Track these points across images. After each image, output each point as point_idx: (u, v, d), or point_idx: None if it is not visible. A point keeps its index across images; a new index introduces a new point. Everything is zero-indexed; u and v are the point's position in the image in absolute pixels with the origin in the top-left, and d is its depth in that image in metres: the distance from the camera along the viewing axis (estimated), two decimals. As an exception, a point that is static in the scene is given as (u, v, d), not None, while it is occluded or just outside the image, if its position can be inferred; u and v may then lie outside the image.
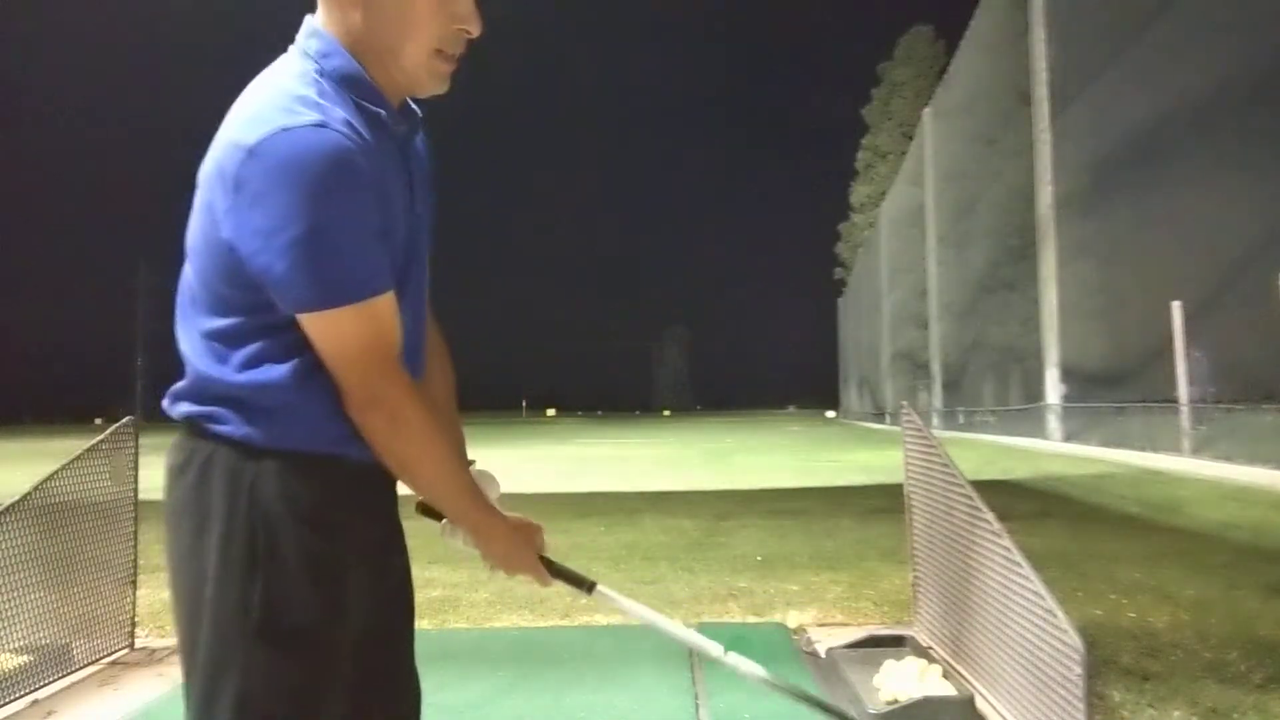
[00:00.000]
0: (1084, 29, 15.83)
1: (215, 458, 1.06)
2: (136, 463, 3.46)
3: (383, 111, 1.09)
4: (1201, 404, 12.15)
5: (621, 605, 1.36)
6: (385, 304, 1.03)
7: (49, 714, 2.81)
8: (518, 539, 1.24)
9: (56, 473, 3.10)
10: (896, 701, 2.60)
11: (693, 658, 3.27)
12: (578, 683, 2.92)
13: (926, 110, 28.66)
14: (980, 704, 2.57)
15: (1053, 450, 16.17)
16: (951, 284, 25.96)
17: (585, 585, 1.35)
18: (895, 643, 3.16)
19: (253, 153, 0.96)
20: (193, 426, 1.08)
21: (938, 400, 28.24)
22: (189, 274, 1.08)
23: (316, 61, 1.07)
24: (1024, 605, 2.21)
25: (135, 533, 3.51)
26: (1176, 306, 12.00)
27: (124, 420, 3.47)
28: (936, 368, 28.32)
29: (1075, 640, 1.85)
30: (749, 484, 10.83)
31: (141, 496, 3.54)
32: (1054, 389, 17.56)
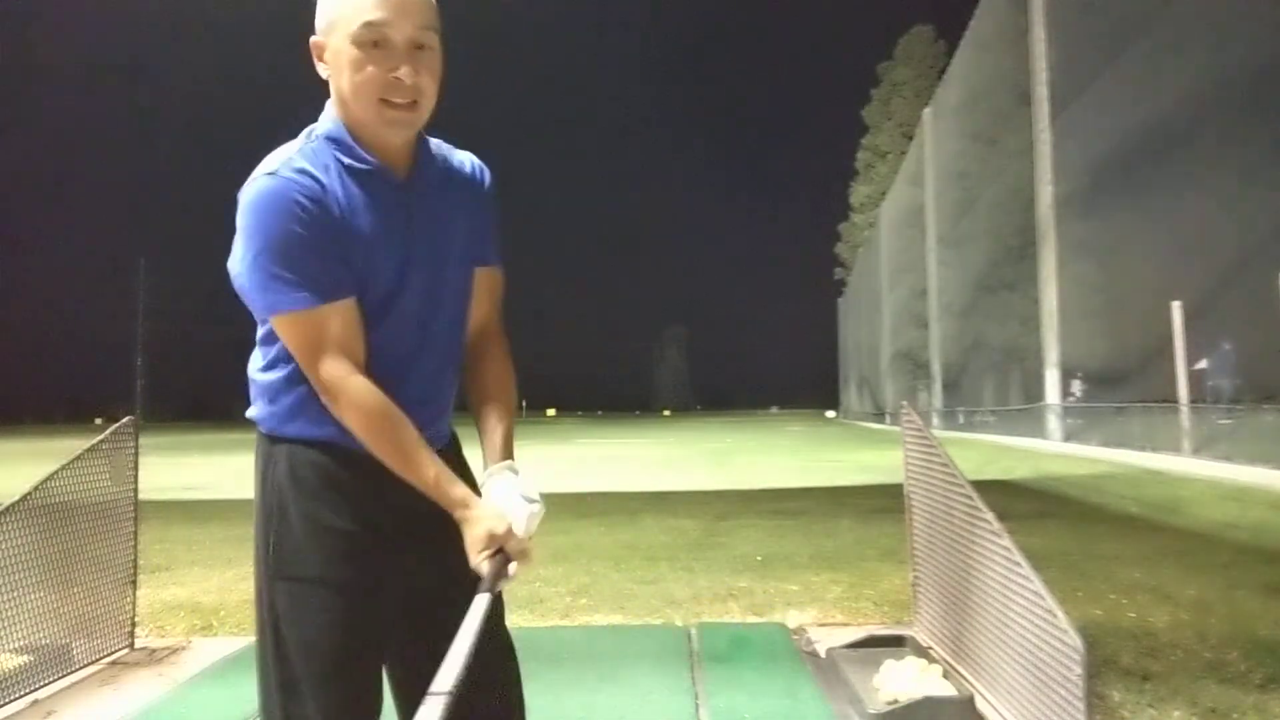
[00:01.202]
0: (1084, 29, 15.83)
1: (258, 444, 1.39)
2: (136, 463, 3.46)
3: (365, 164, 1.31)
4: (1200, 404, 12.15)
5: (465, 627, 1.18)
6: (325, 312, 1.25)
7: (49, 714, 2.81)
8: (478, 517, 1.29)
9: (56, 473, 3.10)
10: (896, 701, 2.60)
11: (693, 658, 3.27)
12: (578, 683, 2.91)
13: (926, 110, 28.67)
14: (980, 704, 2.57)
15: (1053, 450, 16.17)
16: (951, 284, 25.96)
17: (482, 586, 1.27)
18: (895, 643, 3.16)
19: (237, 200, 1.25)
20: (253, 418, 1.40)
21: (938, 400, 28.24)
22: None
23: (308, 131, 1.33)
24: (1024, 605, 2.21)
25: (135, 533, 3.50)
26: (1176, 306, 12.00)
27: (124, 420, 3.47)
28: (936, 368, 28.32)
29: (1075, 640, 1.85)
30: (749, 484, 10.84)
31: (141, 496, 3.54)
32: (1054, 389, 17.56)
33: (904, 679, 2.72)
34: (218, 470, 16.37)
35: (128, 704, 2.87)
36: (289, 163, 1.26)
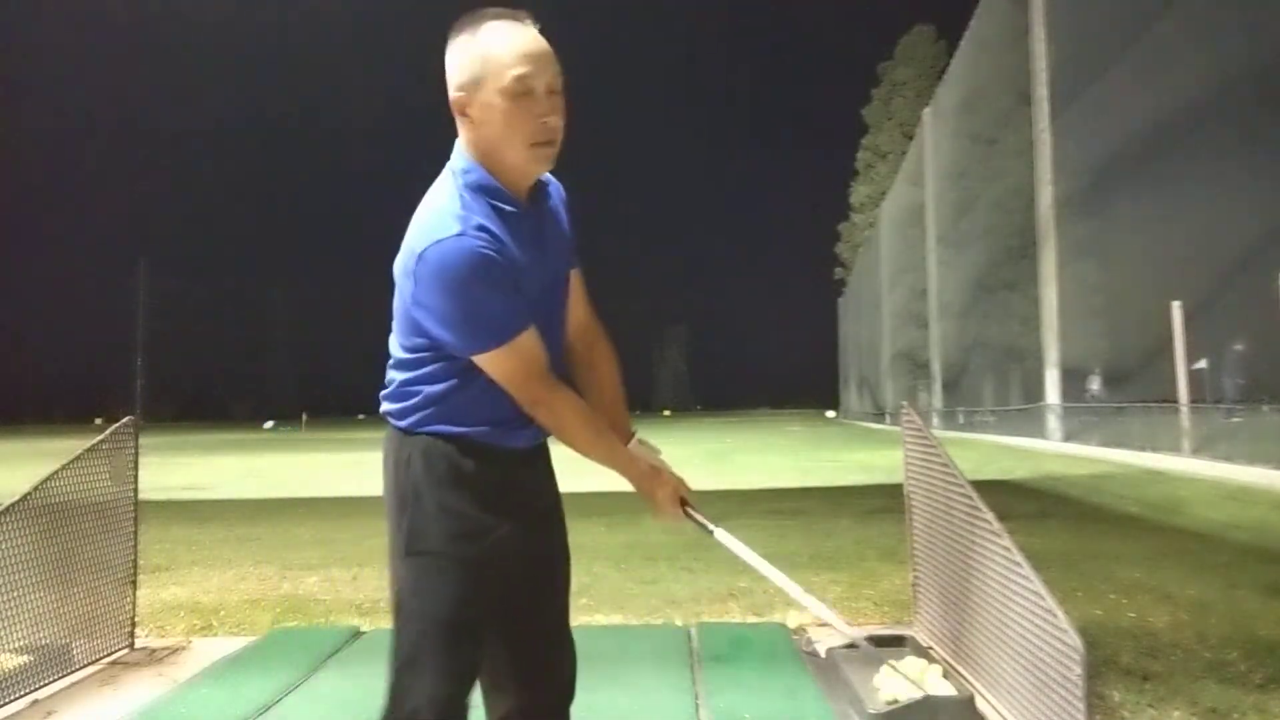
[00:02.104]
0: (1084, 29, 15.82)
1: (391, 439, 1.58)
2: (136, 463, 3.46)
3: (509, 207, 1.49)
4: (1200, 404, 12.15)
5: (737, 551, 1.72)
6: (525, 339, 1.46)
7: (49, 714, 2.81)
8: (656, 480, 1.65)
9: (56, 473, 3.10)
10: (896, 701, 2.60)
11: (693, 658, 3.27)
12: (578, 682, 2.91)
13: (927, 110, 28.66)
14: (980, 704, 2.57)
15: (1053, 450, 16.16)
16: (951, 284, 25.95)
17: (708, 529, 1.67)
18: (895, 643, 3.16)
19: (420, 258, 1.41)
20: (386, 419, 1.59)
21: (938, 400, 28.24)
22: (393, 320, 1.56)
23: (460, 177, 1.48)
24: (1024, 605, 2.21)
25: (135, 533, 3.50)
26: (1176, 306, 12.00)
27: (124, 420, 3.47)
28: (936, 368, 28.32)
29: (1075, 640, 1.85)
30: (749, 484, 10.83)
31: (141, 496, 3.54)
32: (1054, 389, 17.56)
33: (904, 679, 2.71)
34: (218, 470, 16.37)
35: (128, 704, 2.87)
36: (466, 219, 1.43)
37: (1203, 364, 12.40)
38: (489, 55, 1.43)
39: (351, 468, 16.29)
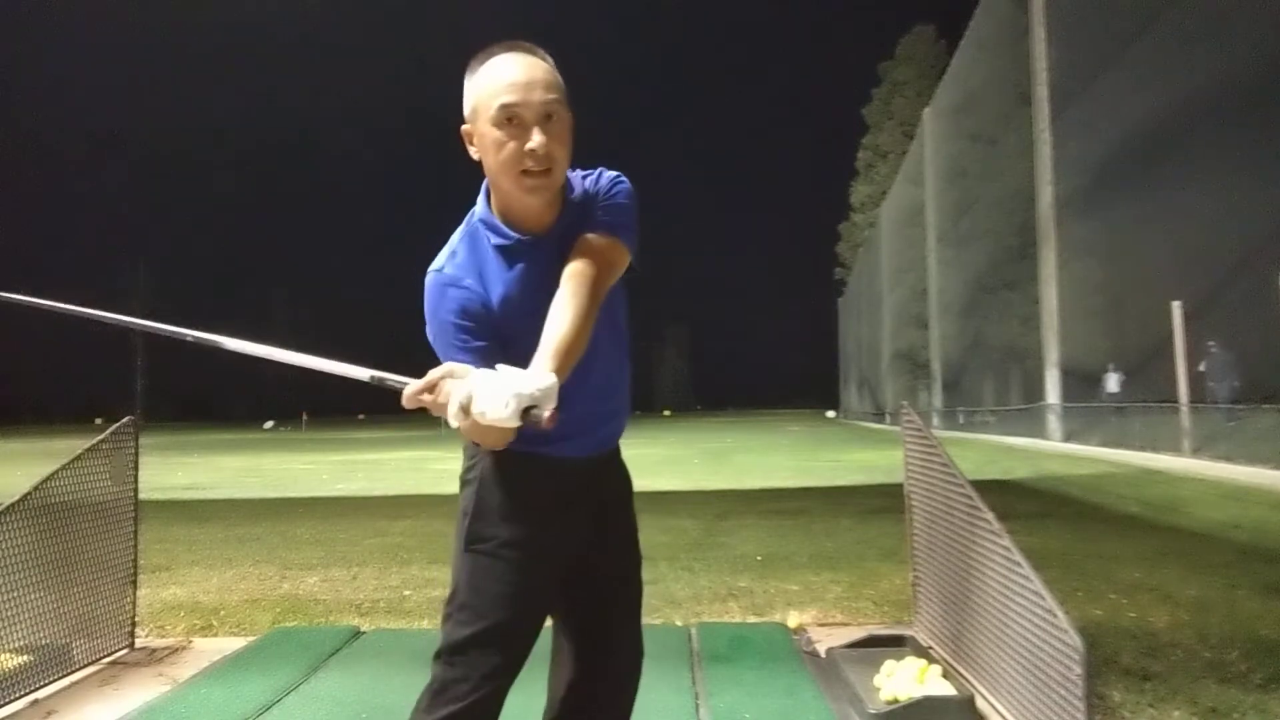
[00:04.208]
0: (1084, 29, 15.83)
1: (466, 449, 1.65)
2: (136, 463, 3.47)
3: (508, 239, 1.52)
4: (1216, 404, 12.14)
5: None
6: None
7: (49, 714, 2.81)
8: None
9: (56, 473, 3.10)
10: (896, 701, 2.60)
11: (693, 658, 3.27)
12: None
13: (927, 110, 28.65)
14: (980, 704, 2.57)
15: (1053, 450, 16.17)
16: (951, 284, 25.96)
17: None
18: (895, 643, 3.15)
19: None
20: None
21: (938, 400, 28.25)
22: None
23: (473, 212, 1.57)
24: (1024, 605, 2.21)
25: (135, 533, 3.51)
26: (1176, 306, 12.00)
27: (124, 420, 3.47)
28: (936, 367, 28.33)
29: (1075, 640, 1.85)
30: (749, 484, 10.83)
31: (141, 496, 3.54)
32: (1054, 389, 17.54)
33: (904, 679, 2.72)
34: (218, 470, 16.37)
35: (128, 704, 2.87)
36: (453, 256, 1.53)
37: (1203, 367, 12.41)
38: (482, 86, 1.46)
39: (351, 468, 16.30)
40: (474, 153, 1.52)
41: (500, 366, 1.32)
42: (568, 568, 1.69)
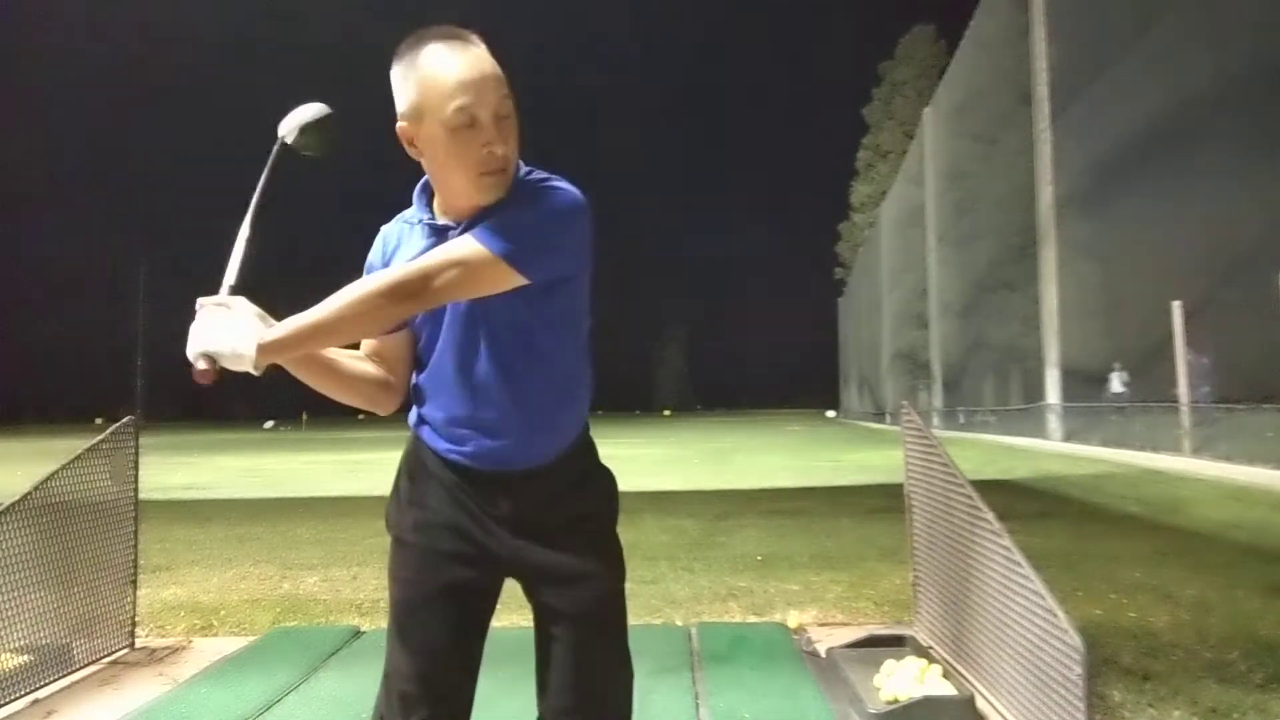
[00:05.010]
0: (1084, 29, 15.83)
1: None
2: (137, 462, 3.47)
3: (417, 222, 1.50)
4: (1199, 404, 12.16)
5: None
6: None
7: (49, 714, 2.81)
8: None
9: (56, 473, 3.10)
10: (896, 701, 2.60)
11: (693, 658, 3.27)
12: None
13: (927, 110, 28.65)
14: (980, 704, 2.57)
15: (1053, 450, 16.16)
16: (951, 284, 25.96)
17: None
18: (895, 643, 3.16)
19: None
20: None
21: (938, 400, 28.24)
22: None
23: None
24: (1024, 605, 2.21)
25: (135, 532, 3.51)
26: (1176, 306, 12.00)
27: (124, 420, 3.47)
28: (936, 367, 28.32)
29: (1075, 640, 1.85)
30: (749, 484, 10.83)
31: (141, 496, 3.54)
32: (1054, 389, 17.54)
33: (904, 679, 2.72)
34: (218, 470, 16.37)
35: (128, 704, 2.87)
36: (397, 218, 1.55)
37: (1204, 363, 12.41)
38: (428, 85, 1.35)
39: (351, 468, 16.29)
40: (413, 153, 1.43)
41: (240, 303, 1.34)
42: (476, 581, 1.51)
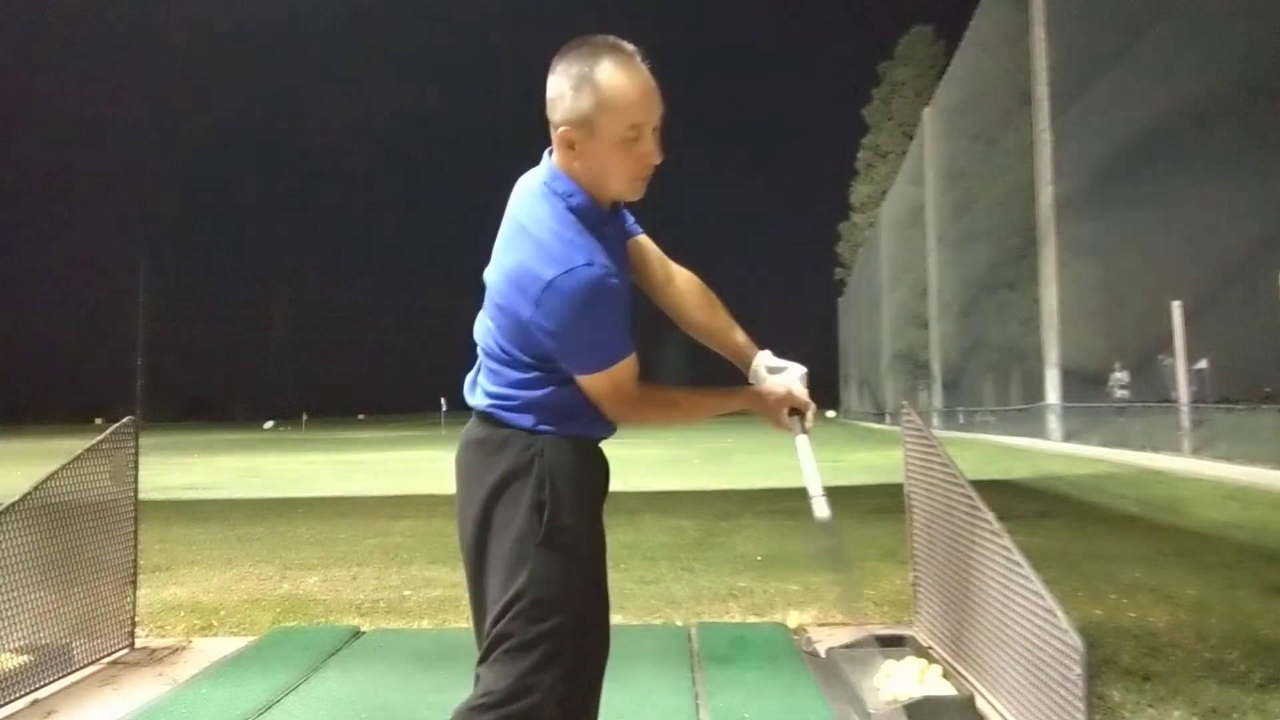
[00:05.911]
0: (1084, 29, 15.83)
1: (515, 439, 1.58)
2: (136, 463, 3.46)
3: (608, 228, 1.59)
4: (1198, 404, 12.16)
5: (802, 459, 1.81)
6: (622, 366, 1.54)
7: (49, 714, 2.81)
8: (760, 404, 1.74)
9: (56, 473, 3.10)
10: (896, 701, 2.60)
11: (693, 658, 3.27)
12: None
13: (927, 110, 28.65)
14: (980, 704, 2.57)
15: (1053, 450, 16.16)
16: (951, 284, 25.96)
17: (794, 433, 1.80)
18: (895, 643, 3.15)
19: (549, 286, 1.45)
20: (492, 417, 1.61)
21: (938, 400, 28.24)
22: (492, 321, 1.61)
23: (564, 200, 1.53)
24: (1024, 605, 2.21)
25: (135, 532, 3.50)
26: (1176, 306, 12.00)
27: (124, 420, 3.46)
28: (936, 368, 28.32)
29: (1075, 640, 1.85)
30: (749, 484, 10.83)
31: (141, 496, 3.54)
32: (1054, 389, 17.54)
33: (904, 679, 2.71)
34: (218, 470, 16.37)
35: (128, 704, 2.87)
36: (589, 249, 1.48)
37: (1203, 364, 12.41)
38: (607, 104, 1.46)
39: (351, 468, 16.30)
40: (570, 154, 1.52)
41: (768, 358, 1.78)
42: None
